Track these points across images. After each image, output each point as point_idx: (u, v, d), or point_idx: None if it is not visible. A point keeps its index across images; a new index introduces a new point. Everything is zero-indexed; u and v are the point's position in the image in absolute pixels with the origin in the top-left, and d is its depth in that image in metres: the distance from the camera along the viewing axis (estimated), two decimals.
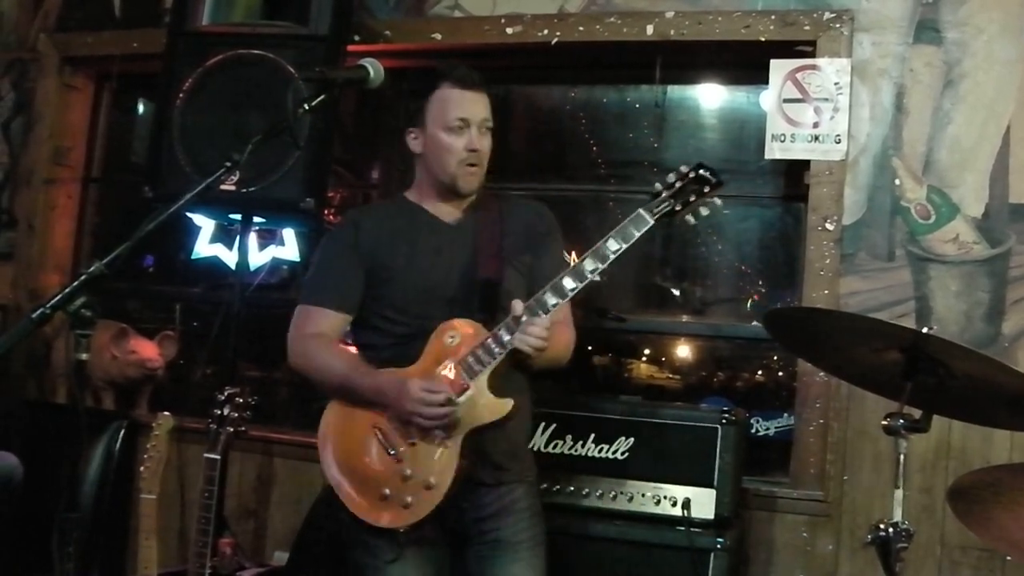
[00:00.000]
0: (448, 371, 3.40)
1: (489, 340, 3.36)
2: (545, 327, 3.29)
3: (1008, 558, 3.99)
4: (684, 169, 3.39)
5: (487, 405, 3.37)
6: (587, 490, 4.10)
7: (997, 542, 3.24)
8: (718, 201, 3.39)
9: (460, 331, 3.42)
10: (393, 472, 3.43)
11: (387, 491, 3.44)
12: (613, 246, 3.31)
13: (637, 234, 3.32)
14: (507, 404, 3.37)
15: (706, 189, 3.37)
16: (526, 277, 3.62)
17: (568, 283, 3.31)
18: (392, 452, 3.44)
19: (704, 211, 3.37)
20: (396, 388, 3.39)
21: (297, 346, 3.63)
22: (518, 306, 3.30)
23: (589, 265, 3.32)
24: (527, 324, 3.28)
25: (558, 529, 3.99)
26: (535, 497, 3.66)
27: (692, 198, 3.37)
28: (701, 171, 3.38)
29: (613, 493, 4.08)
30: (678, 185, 3.37)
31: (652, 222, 3.33)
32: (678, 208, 3.37)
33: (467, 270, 3.55)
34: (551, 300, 3.32)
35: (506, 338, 3.32)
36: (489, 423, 3.39)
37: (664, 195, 3.36)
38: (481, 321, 3.44)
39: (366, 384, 3.49)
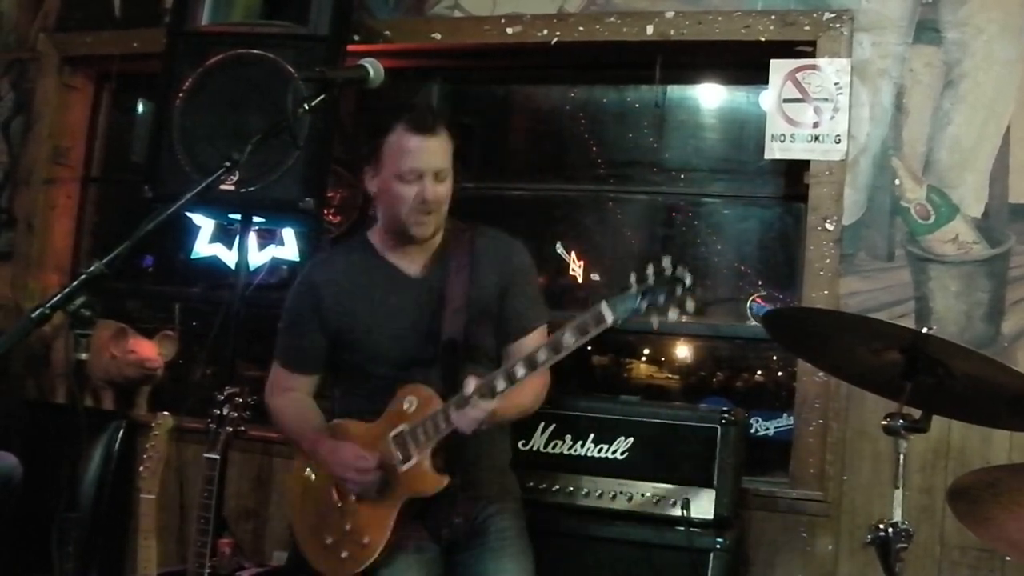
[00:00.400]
0: (396, 438, 3.43)
1: (438, 414, 3.33)
2: (486, 411, 3.23)
3: (1007, 558, 3.99)
4: (663, 265, 3.02)
5: (427, 478, 3.37)
6: (587, 490, 4.09)
7: (996, 542, 3.25)
8: (691, 306, 3.02)
9: (418, 398, 3.42)
10: (338, 523, 3.51)
11: (329, 540, 3.54)
12: (569, 339, 3.13)
13: (594, 331, 3.10)
14: (443, 481, 3.35)
15: (678, 291, 3.00)
16: (495, 326, 3.61)
17: (519, 370, 3.20)
18: (340, 505, 3.52)
19: (673, 315, 3.01)
20: (332, 451, 3.50)
21: (269, 399, 3.80)
22: (469, 385, 3.24)
23: (542, 356, 3.18)
24: (469, 407, 3.23)
25: (557, 529, 4.01)
26: (517, 502, 3.73)
27: (661, 299, 3.00)
28: (678, 271, 3.01)
29: (612, 493, 4.07)
30: (650, 282, 3.01)
31: (610, 322, 3.07)
32: (643, 308, 3.02)
33: (432, 329, 3.52)
34: (500, 385, 3.22)
35: (453, 416, 3.29)
36: (428, 495, 3.40)
37: (633, 291, 3.02)
38: (445, 382, 3.42)
39: (313, 445, 3.61)
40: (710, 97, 5.34)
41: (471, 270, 3.58)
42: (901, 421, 3.19)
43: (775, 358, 5.07)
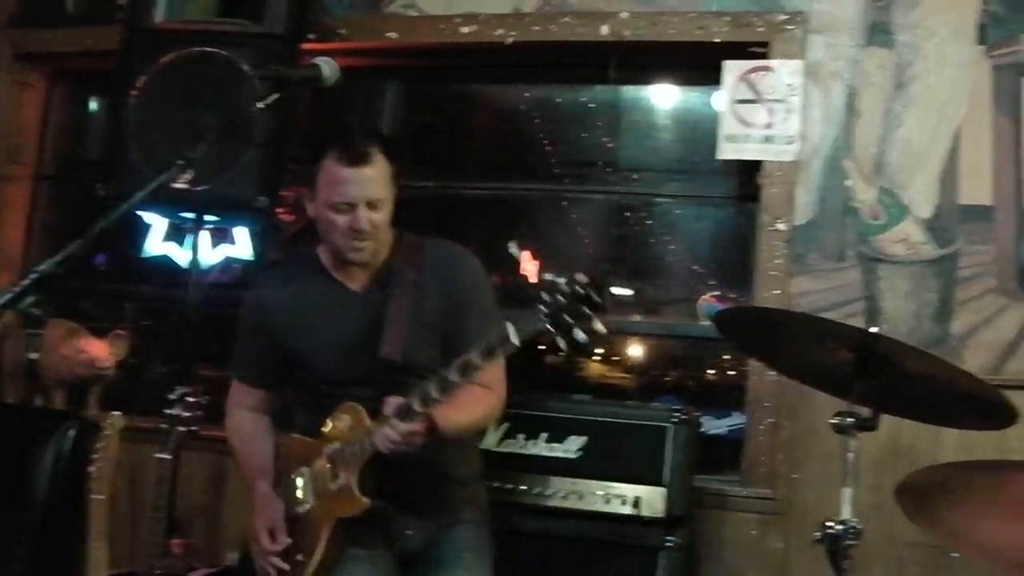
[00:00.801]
0: (330, 456, 3.43)
1: (365, 435, 3.32)
2: (404, 432, 3.19)
3: (956, 555, 4.02)
4: (576, 282, 2.90)
5: (351, 499, 3.35)
6: (539, 489, 4.10)
7: (945, 539, 3.28)
8: (602, 328, 2.92)
9: (351, 417, 3.41)
10: (279, 536, 3.52)
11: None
12: (477, 360, 3.09)
13: (500, 351, 3.06)
14: (365, 503, 3.33)
15: (586, 313, 2.89)
16: (440, 345, 3.54)
17: (432, 392, 3.16)
18: (291, 514, 3.53)
19: (581, 337, 2.91)
20: (260, 506, 3.59)
21: (227, 417, 3.84)
22: (390, 406, 3.22)
23: (452, 376, 3.13)
24: (386, 428, 3.21)
25: (510, 528, 4.00)
26: (481, 514, 3.71)
27: (570, 320, 2.89)
28: (589, 290, 2.88)
29: (565, 492, 4.07)
30: (560, 301, 2.89)
31: (515, 342, 3.00)
32: (551, 329, 2.92)
33: (375, 346, 3.48)
34: (416, 406, 3.18)
35: (374, 436, 3.27)
36: (351, 516, 3.38)
37: (540, 311, 2.92)
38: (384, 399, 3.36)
39: (250, 482, 3.70)
40: (664, 97, 5.35)
41: (417, 286, 3.54)
42: (850, 420, 3.22)
43: (727, 357, 5.10)
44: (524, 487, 4.11)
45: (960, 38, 4.51)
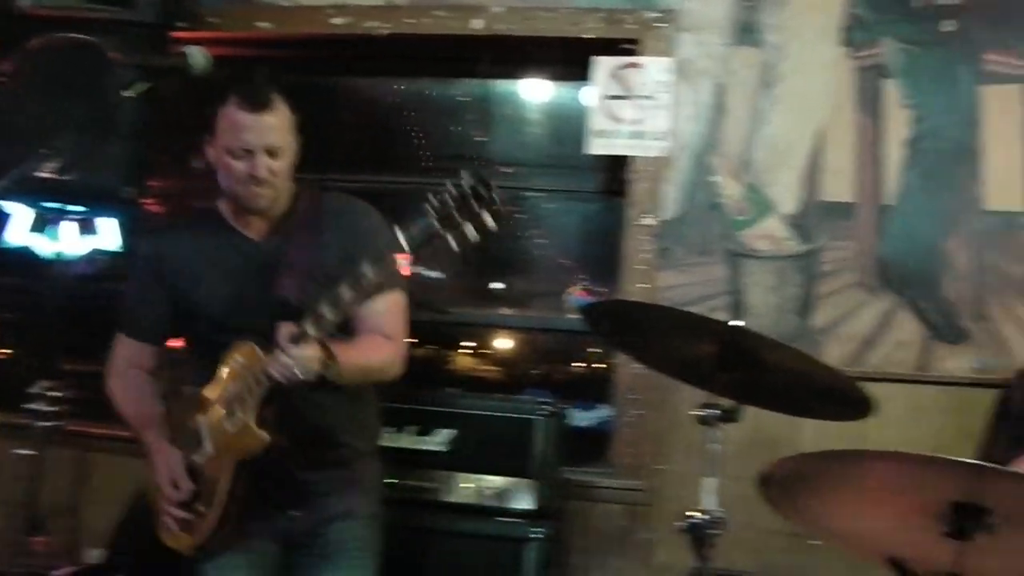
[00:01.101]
0: (223, 398, 3.35)
1: (259, 368, 3.24)
2: (295, 359, 3.11)
3: (816, 542, 4.11)
4: (461, 179, 2.86)
5: (250, 434, 3.26)
6: (408, 481, 4.11)
7: (806, 527, 3.35)
8: (492, 224, 2.87)
9: (242, 356, 3.33)
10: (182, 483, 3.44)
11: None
12: (368, 271, 3.02)
13: (389, 260, 3.01)
14: (264, 437, 3.24)
15: (475, 208, 2.84)
16: None
17: (324, 310, 3.09)
18: (190, 463, 3.42)
19: (472, 234, 2.85)
20: (158, 451, 3.48)
21: (109, 378, 3.69)
22: (283, 331, 3.14)
23: (345, 293, 3.06)
24: (280, 354, 3.13)
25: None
26: (370, 501, 3.63)
27: (460, 218, 2.85)
28: (476, 186, 2.85)
29: (434, 484, 4.10)
30: (447, 201, 2.85)
31: (407, 249, 2.93)
32: (441, 230, 2.86)
33: (273, 295, 3.41)
34: (310, 330, 3.11)
35: (269, 366, 3.18)
36: (254, 453, 3.29)
37: (429, 212, 2.86)
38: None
39: (140, 432, 3.57)
40: (536, 92, 5.39)
41: (315, 233, 3.49)
42: (714, 411, 3.27)
43: (595, 350, 5.15)
44: (393, 480, 4.08)
45: (825, 40, 4.60)
